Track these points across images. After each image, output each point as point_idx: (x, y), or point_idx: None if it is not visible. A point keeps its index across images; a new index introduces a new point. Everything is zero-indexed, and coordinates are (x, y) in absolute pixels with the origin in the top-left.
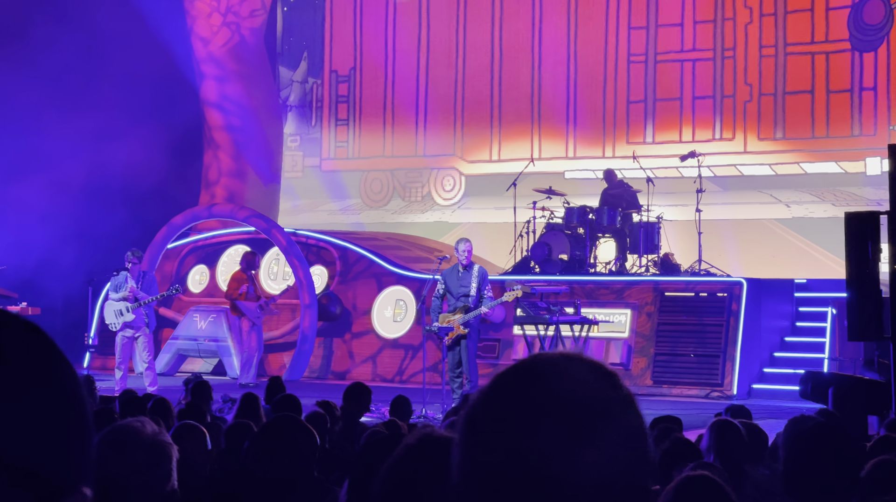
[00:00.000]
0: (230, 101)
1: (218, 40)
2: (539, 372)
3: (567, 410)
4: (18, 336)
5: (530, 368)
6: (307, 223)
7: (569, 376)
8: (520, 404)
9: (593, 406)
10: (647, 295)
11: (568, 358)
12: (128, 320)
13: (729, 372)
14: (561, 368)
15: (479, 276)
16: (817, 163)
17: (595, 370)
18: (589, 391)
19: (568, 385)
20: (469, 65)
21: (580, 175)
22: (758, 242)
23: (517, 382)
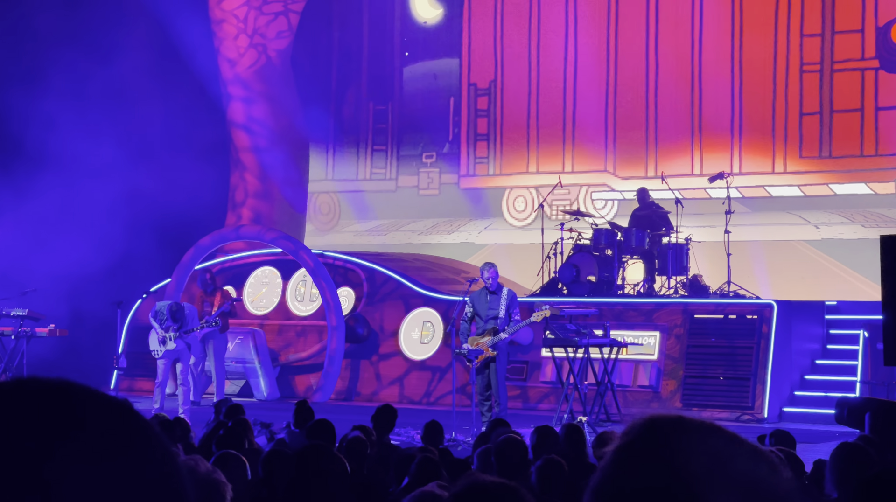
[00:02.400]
0: (257, 123)
1: (245, 62)
2: (685, 447)
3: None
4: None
5: (674, 444)
6: (332, 245)
7: (728, 456)
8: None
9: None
10: (677, 317)
11: (717, 431)
12: (170, 348)
13: (759, 394)
14: (718, 446)
15: (507, 299)
16: (846, 184)
17: (752, 450)
18: (754, 477)
19: (731, 468)
20: (621, 76)
21: (607, 196)
22: (787, 264)
23: (660, 459)
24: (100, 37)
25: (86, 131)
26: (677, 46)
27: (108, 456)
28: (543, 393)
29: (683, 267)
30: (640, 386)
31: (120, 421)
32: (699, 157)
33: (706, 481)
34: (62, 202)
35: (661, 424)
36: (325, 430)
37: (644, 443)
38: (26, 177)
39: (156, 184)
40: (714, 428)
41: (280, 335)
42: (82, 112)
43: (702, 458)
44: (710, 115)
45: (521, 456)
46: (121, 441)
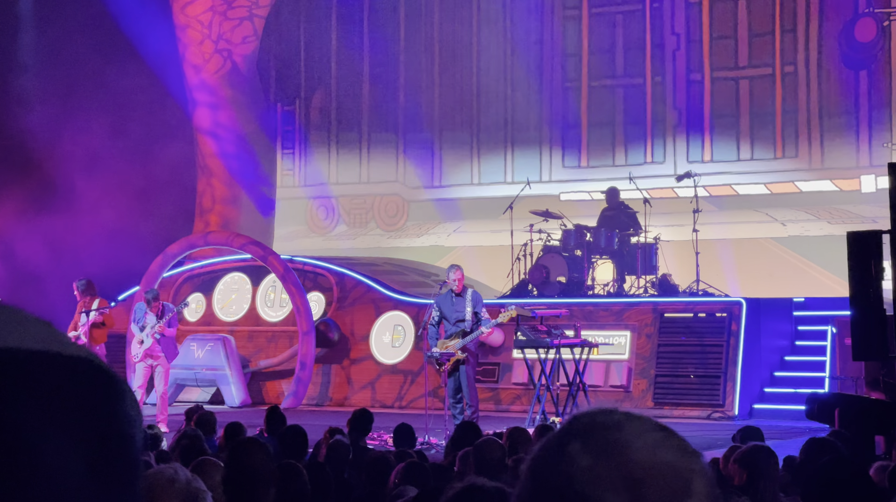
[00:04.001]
0: (223, 128)
1: (210, 67)
2: (613, 437)
3: (653, 484)
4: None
5: (604, 430)
6: (302, 250)
7: (646, 445)
8: (603, 474)
9: (678, 480)
10: (647, 316)
11: (639, 420)
12: (147, 346)
13: (730, 392)
14: (636, 433)
15: (472, 300)
16: (812, 182)
17: (671, 439)
18: (672, 463)
19: (647, 456)
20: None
21: (576, 197)
22: (755, 261)
23: (591, 446)
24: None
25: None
26: None
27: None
28: (515, 395)
29: (653, 266)
30: (612, 386)
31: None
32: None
33: (593, 480)
34: (26, 210)
35: (600, 419)
36: (297, 436)
37: (585, 434)
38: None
39: (122, 190)
40: (647, 422)
41: (250, 341)
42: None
43: (589, 459)
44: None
45: (499, 457)
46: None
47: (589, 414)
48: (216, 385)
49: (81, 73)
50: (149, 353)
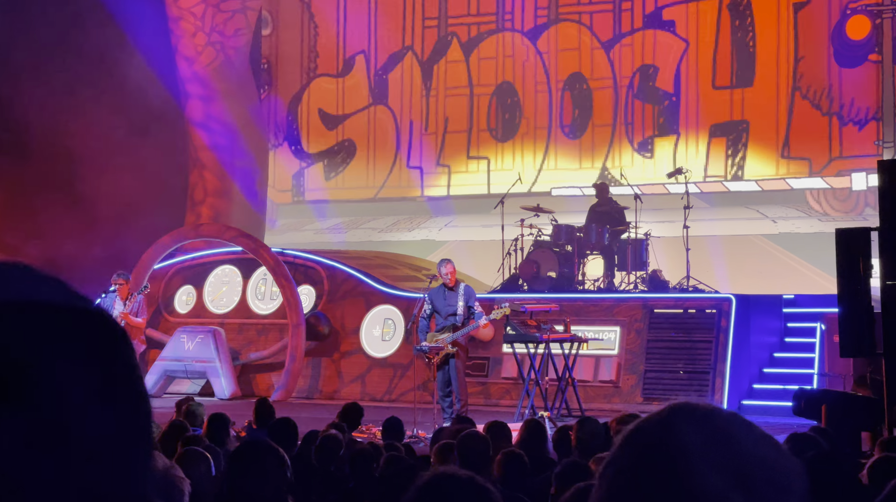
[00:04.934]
0: (215, 121)
1: (203, 59)
2: (722, 425)
3: (759, 475)
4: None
5: (713, 417)
6: (292, 243)
7: (753, 438)
8: (716, 449)
9: (780, 476)
10: (636, 312)
11: (742, 417)
12: None
13: (719, 388)
14: (743, 426)
15: (465, 294)
16: (803, 179)
17: (773, 440)
18: (776, 459)
19: (754, 448)
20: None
21: (567, 192)
22: (745, 258)
23: (703, 428)
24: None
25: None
26: None
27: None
28: (504, 390)
29: (643, 262)
30: (601, 381)
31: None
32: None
33: (702, 458)
34: (15, 200)
35: (672, 411)
36: (286, 429)
37: (650, 426)
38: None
39: (112, 182)
40: (718, 412)
41: (241, 334)
42: (37, 105)
43: (700, 438)
44: None
45: (483, 450)
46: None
47: (695, 403)
48: (206, 377)
49: (74, 64)
50: None
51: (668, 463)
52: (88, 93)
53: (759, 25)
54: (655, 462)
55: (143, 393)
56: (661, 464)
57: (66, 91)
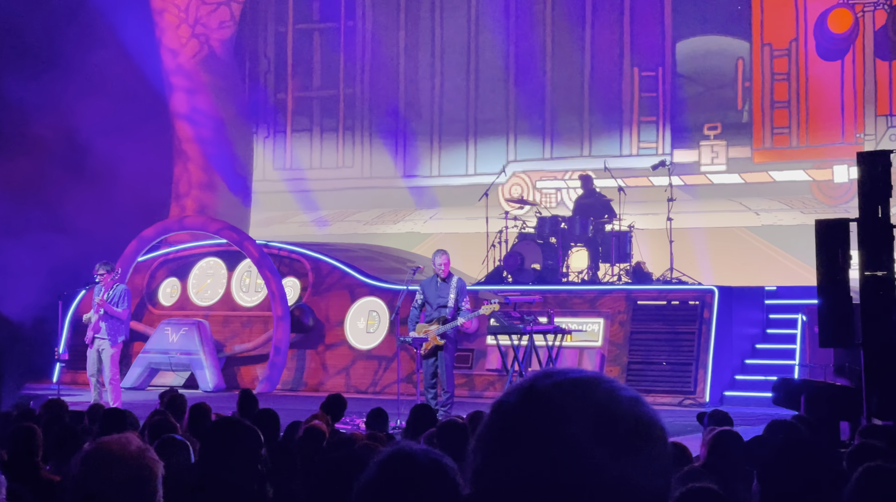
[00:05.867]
0: (200, 113)
1: (187, 52)
2: (580, 386)
3: (613, 423)
4: None
5: (569, 383)
6: (277, 235)
7: (606, 393)
8: (570, 415)
9: (633, 419)
10: (620, 303)
11: (598, 376)
12: (98, 332)
13: (701, 379)
14: (596, 385)
15: (457, 288)
16: (786, 172)
17: (622, 388)
18: (630, 408)
19: (609, 402)
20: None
21: (551, 184)
22: (728, 250)
23: (559, 395)
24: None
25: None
26: None
27: None
28: (489, 381)
29: (627, 254)
30: None
31: None
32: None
33: (561, 415)
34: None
35: (565, 375)
36: (269, 420)
37: (552, 385)
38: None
39: (97, 174)
40: (604, 377)
41: (225, 326)
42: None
43: (559, 398)
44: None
45: (462, 439)
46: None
47: (556, 370)
48: (190, 369)
49: (56, 55)
50: (94, 332)
51: (529, 422)
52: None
53: None
54: (517, 424)
55: None
56: (525, 425)
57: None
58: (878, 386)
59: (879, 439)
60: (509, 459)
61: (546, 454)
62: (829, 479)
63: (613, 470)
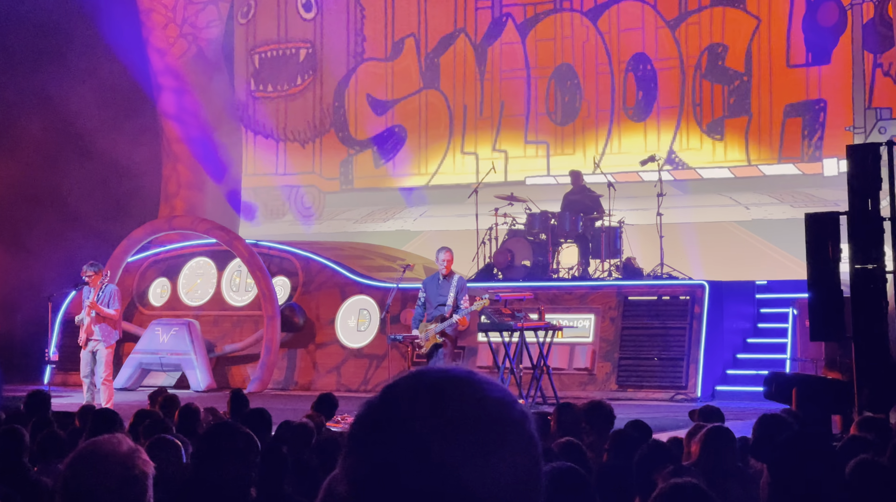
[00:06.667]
0: (188, 113)
1: (175, 51)
2: (440, 386)
3: (472, 423)
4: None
5: (430, 383)
6: (267, 234)
7: (469, 394)
8: (426, 416)
9: (495, 418)
10: (611, 299)
11: (467, 377)
12: (91, 335)
13: (693, 374)
14: (461, 386)
15: (457, 286)
16: (775, 166)
17: (489, 387)
18: (494, 409)
19: (469, 403)
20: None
21: (541, 181)
22: (718, 245)
23: (418, 396)
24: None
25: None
26: None
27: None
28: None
29: (617, 250)
30: (576, 369)
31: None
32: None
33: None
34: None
35: (425, 374)
36: (259, 419)
37: (410, 388)
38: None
39: (86, 175)
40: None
41: (216, 326)
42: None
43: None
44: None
45: None
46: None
47: (422, 369)
48: (181, 369)
49: (43, 55)
50: (87, 334)
51: (387, 425)
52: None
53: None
54: (377, 426)
55: None
56: (381, 427)
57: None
58: (869, 379)
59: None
60: (369, 460)
61: (401, 455)
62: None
63: (470, 471)
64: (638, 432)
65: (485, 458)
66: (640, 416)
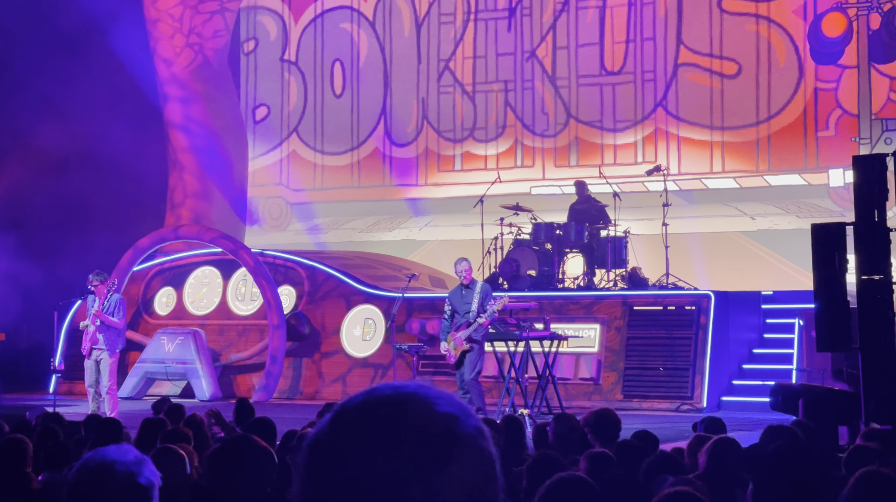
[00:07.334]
0: (194, 123)
1: (181, 61)
2: (388, 404)
3: (419, 439)
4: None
5: (378, 401)
6: (273, 243)
7: (417, 411)
8: (373, 434)
9: (443, 434)
10: (616, 309)
11: (415, 392)
12: (89, 335)
13: (698, 384)
14: (408, 403)
15: (481, 293)
16: (781, 176)
17: (440, 403)
18: (444, 424)
19: (417, 419)
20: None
21: (546, 191)
22: (724, 255)
23: (366, 414)
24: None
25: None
26: None
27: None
28: (485, 388)
29: (622, 260)
30: (582, 379)
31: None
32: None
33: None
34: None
35: (379, 391)
36: (265, 428)
37: (360, 405)
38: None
39: (93, 185)
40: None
41: (221, 335)
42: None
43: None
44: None
45: None
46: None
47: (372, 387)
48: (187, 379)
49: (50, 65)
50: (92, 343)
51: (333, 447)
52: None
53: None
54: (324, 449)
55: None
56: (329, 450)
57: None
58: (876, 390)
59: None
60: (320, 481)
61: (351, 474)
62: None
63: (417, 488)
64: (644, 442)
65: (432, 474)
66: (646, 427)
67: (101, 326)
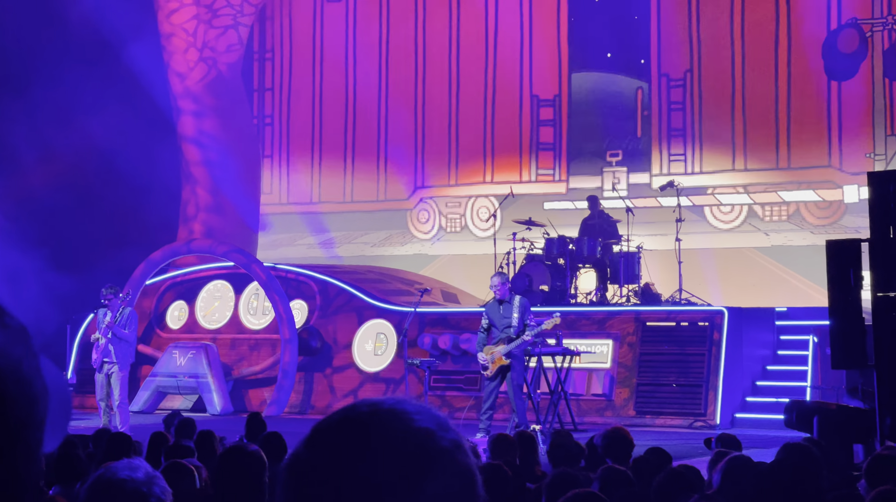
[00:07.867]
0: (207, 136)
1: (195, 75)
2: (364, 421)
3: (394, 456)
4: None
5: (353, 419)
6: (285, 257)
7: (394, 426)
8: (347, 453)
9: (418, 450)
10: (629, 325)
11: (392, 408)
12: (101, 348)
13: (712, 401)
14: (386, 419)
15: (520, 307)
16: (795, 192)
17: (417, 418)
18: (421, 441)
19: (392, 436)
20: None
21: (559, 206)
22: (738, 271)
23: (341, 433)
24: (48, 52)
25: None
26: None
27: None
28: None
29: (635, 275)
30: (594, 395)
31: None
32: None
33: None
34: (10, 214)
35: (355, 409)
36: (276, 443)
37: (337, 424)
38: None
39: (107, 198)
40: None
41: (233, 349)
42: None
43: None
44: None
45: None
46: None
47: (351, 404)
48: (198, 393)
49: (64, 78)
50: (103, 356)
51: (311, 469)
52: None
53: None
54: (303, 472)
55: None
56: (307, 472)
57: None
58: (892, 408)
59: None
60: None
61: (324, 496)
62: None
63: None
64: (658, 459)
65: (407, 491)
66: (659, 443)
67: (112, 338)
